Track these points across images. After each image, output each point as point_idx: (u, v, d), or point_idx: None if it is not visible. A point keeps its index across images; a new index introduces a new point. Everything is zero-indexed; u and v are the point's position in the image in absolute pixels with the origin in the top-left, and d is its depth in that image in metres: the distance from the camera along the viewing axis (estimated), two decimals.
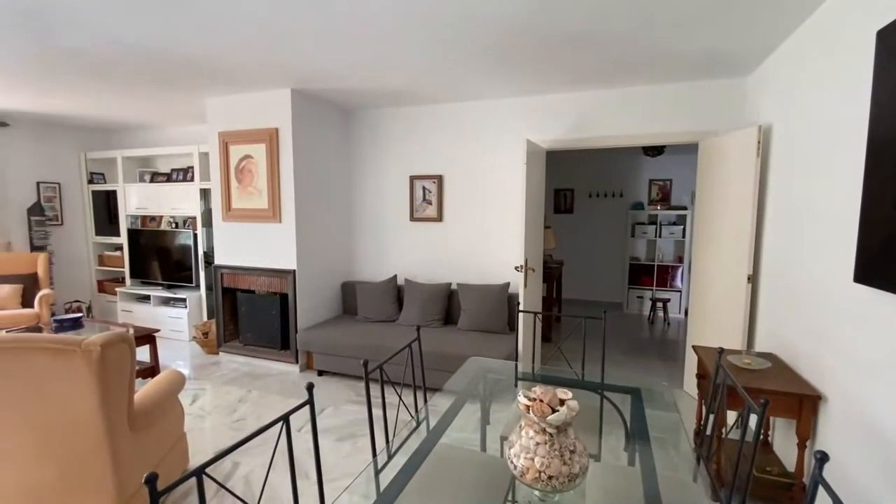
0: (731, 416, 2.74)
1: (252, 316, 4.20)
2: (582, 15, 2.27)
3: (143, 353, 3.58)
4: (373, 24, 2.42)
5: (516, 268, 3.38)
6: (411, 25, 2.42)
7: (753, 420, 2.64)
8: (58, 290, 5.29)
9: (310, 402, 1.30)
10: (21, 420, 1.71)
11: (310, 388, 1.30)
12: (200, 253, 4.84)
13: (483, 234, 4.16)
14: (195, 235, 4.84)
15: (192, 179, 4.95)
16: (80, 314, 3.64)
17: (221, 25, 2.46)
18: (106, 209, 5.62)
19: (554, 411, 1.12)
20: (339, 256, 4.52)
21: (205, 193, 4.87)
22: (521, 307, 2.67)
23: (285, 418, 1.20)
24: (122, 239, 5.36)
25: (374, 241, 4.62)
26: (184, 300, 4.87)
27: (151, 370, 3.50)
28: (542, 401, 1.14)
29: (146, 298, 5.14)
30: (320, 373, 3.90)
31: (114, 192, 5.51)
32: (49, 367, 1.70)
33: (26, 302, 4.50)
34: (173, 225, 5.22)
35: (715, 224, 3.22)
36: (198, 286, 4.92)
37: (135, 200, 5.31)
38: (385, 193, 4.52)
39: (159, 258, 5.10)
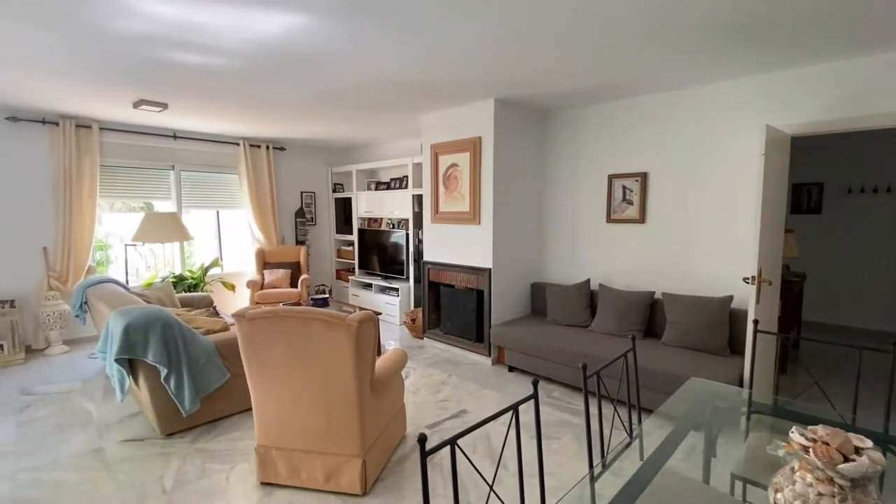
0: None
1: (452, 308, 4.61)
2: None
3: None
4: (593, 26, 2.37)
5: (745, 279, 2.86)
6: (634, 17, 2.28)
7: None
8: (311, 275, 6.79)
9: (534, 396, 1.35)
10: (306, 373, 2.23)
11: (535, 383, 1.35)
12: (411, 250, 5.57)
13: (697, 238, 3.65)
14: (407, 235, 5.59)
15: (406, 187, 5.73)
16: (326, 295, 4.58)
17: (444, 52, 2.77)
18: (343, 212, 7.00)
19: (847, 460, 0.90)
20: (531, 257, 4.59)
21: (416, 199, 5.58)
22: (756, 326, 2.24)
23: (514, 408, 1.27)
24: (354, 237, 6.56)
25: (565, 243, 4.54)
26: (396, 290, 5.68)
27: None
28: (827, 444, 0.93)
29: (369, 286, 6.17)
30: (510, 368, 4.03)
31: (349, 199, 6.80)
32: (322, 334, 2.18)
33: (292, 283, 5.91)
34: (391, 226, 6.13)
35: None
36: (408, 278, 5.67)
37: (363, 205, 6.43)
38: (579, 194, 4.39)
39: (379, 253, 6.07)
